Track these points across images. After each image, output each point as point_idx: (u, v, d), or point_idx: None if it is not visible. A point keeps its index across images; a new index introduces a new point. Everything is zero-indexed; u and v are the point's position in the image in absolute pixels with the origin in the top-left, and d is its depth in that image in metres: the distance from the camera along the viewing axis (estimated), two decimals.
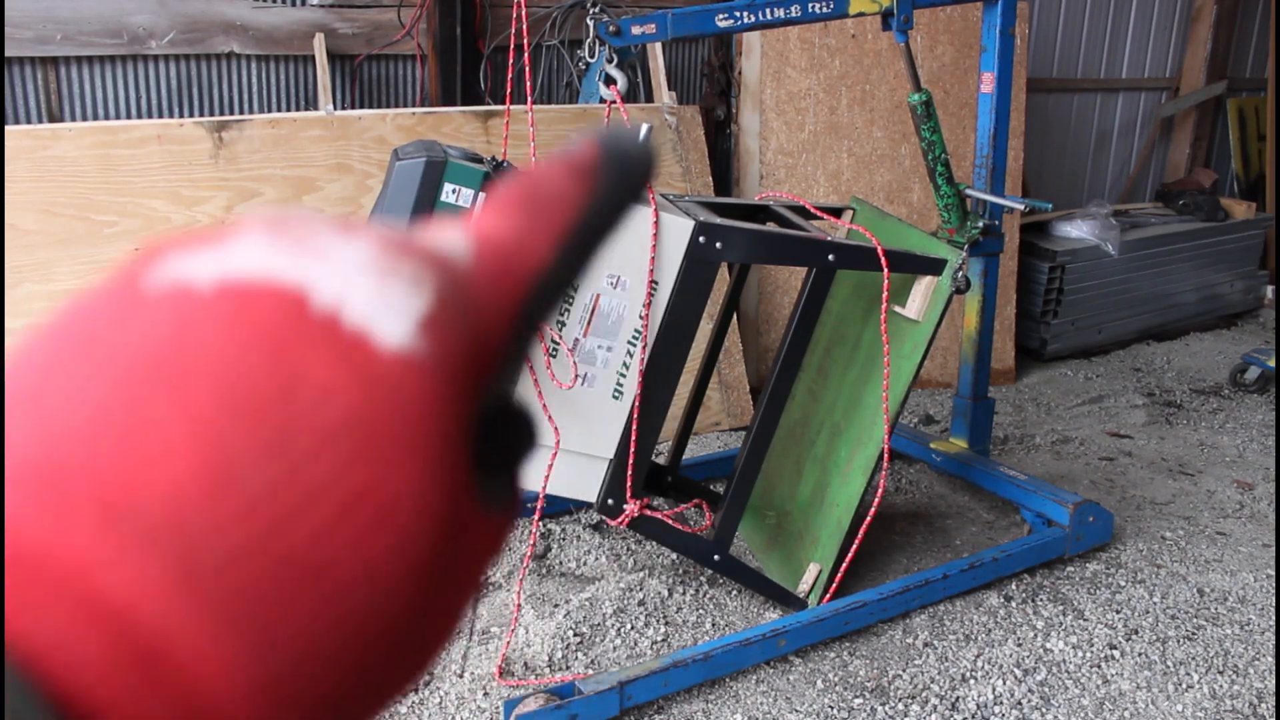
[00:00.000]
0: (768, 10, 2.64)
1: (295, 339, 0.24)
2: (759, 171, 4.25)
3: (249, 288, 0.25)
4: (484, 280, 0.29)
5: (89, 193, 3.10)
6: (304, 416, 0.24)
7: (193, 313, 0.24)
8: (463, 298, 0.27)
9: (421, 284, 0.26)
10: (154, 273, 0.26)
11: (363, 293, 0.25)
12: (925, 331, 2.66)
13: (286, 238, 0.26)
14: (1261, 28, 6.27)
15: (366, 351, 0.25)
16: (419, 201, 2.16)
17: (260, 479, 0.23)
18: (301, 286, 0.25)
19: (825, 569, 2.75)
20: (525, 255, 0.29)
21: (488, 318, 0.28)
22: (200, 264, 0.25)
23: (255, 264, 0.25)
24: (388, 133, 3.48)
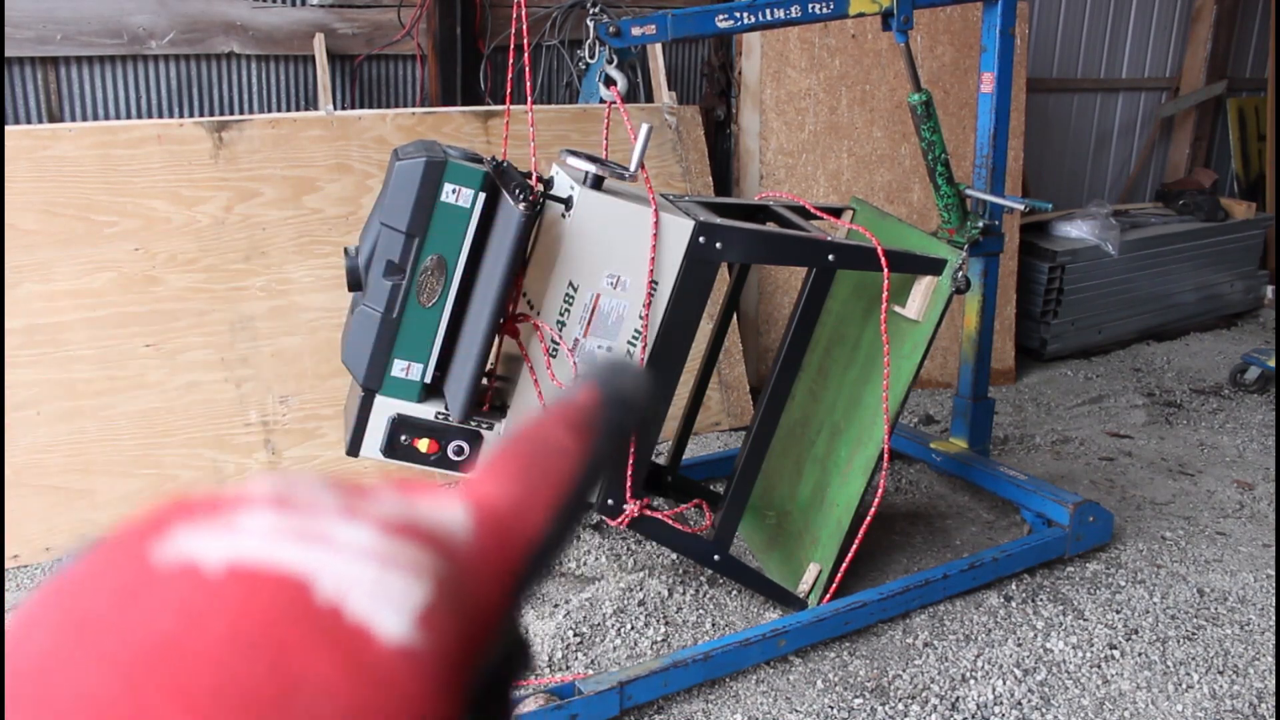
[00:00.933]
0: (768, 11, 2.64)
1: (299, 635, 0.25)
2: (759, 171, 4.25)
3: (256, 575, 0.25)
4: (482, 557, 0.29)
5: (89, 193, 3.10)
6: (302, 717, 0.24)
7: (200, 599, 0.25)
8: (462, 582, 0.28)
9: (421, 573, 0.27)
10: (161, 544, 0.26)
11: (365, 585, 0.26)
12: (925, 331, 2.66)
13: (293, 517, 0.27)
14: (1261, 28, 6.27)
15: (366, 648, 0.25)
16: (419, 201, 2.16)
17: None
18: (306, 576, 0.26)
19: (825, 569, 2.75)
20: (522, 524, 0.30)
21: (485, 597, 0.28)
22: (209, 541, 0.26)
23: (263, 547, 0.26)
24: (388, 133, 3.48)
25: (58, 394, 3.01)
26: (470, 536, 0.29)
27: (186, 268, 3.20)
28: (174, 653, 0.24)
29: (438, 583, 0.27)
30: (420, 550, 0.28)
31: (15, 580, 2.88)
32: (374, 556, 0.27)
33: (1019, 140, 4.59)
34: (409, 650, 0.25)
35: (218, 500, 0.27)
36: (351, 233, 3.32)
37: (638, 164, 2.28)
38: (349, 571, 0.26)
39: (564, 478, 0.31)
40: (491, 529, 0.30)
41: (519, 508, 0.30)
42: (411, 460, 2.34)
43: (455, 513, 0.30)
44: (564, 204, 2.30)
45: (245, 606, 0.25)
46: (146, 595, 0.25)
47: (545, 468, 0.31)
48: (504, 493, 0.30)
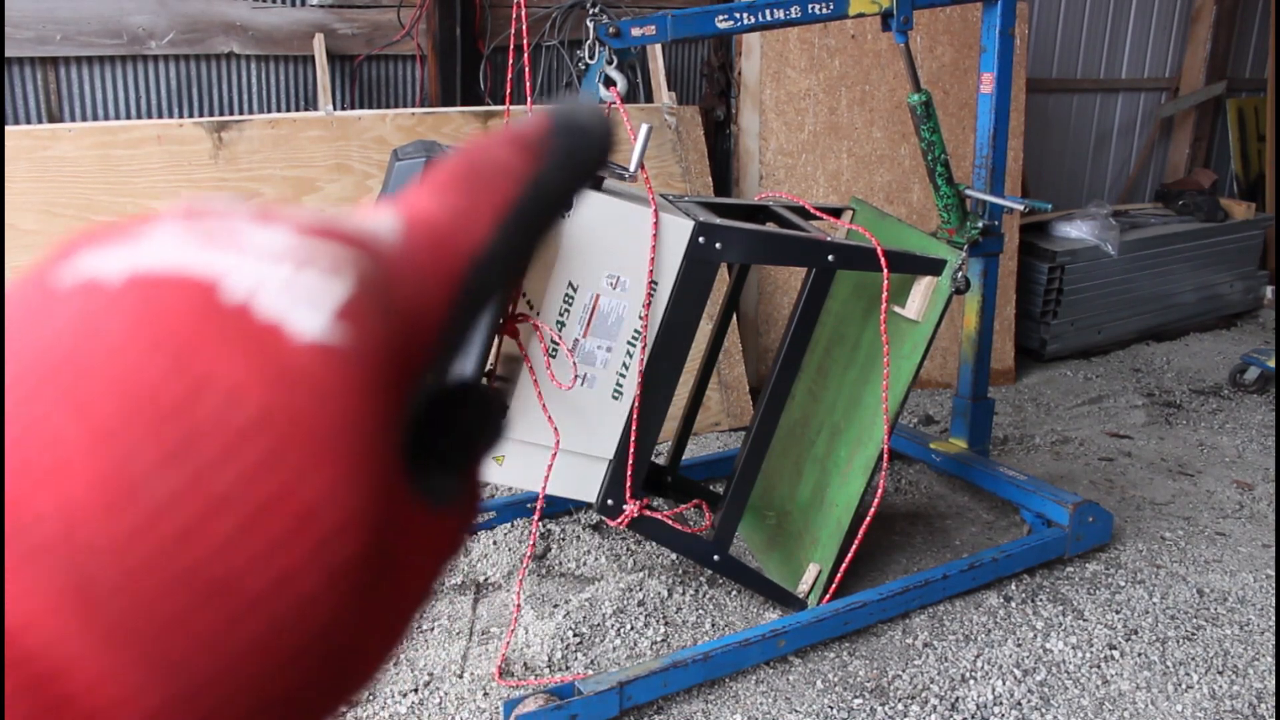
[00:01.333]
0: (768, 11, 2.64)
1: (203, 335, 0.23)
2: (759, 172, 4.25)
3: (157, 280, 0.24)
4: (415, 262, 0.27)
5: (89, 193, 3.10)
6: (210, 420, 0.22)
7: (98, 308, 0.23)
8: (389, 284, 0.26)
9: (342, 270, 0.25)
10: (67, 267, 0.24)
11: (276, 282, 0.24)
12: (925, 332, 2.66)
13: (202, 227, 0.25)
14: (1261, 28, 6.27)
15: (278, 345, 0.23)
16: None
17: (161, 490, 0.22)
18: (212, 278, 0.24)
19: (825, 569, 2.75)
20: (462, 234, 0.27)
21: (420, 301, 0.26)
22: (112, 257, 0.24)
23: (166, 256, 0.24)
24: (387, 133, 3.48)
25: None
26: (401, 242, 0.27)
27: None
28: (67, 361, 0.22)
29: (361, 281, 0.25)
30: (342, 249, 0.25)
31: None
32: (289, 256, 0.25)
33: (1019, 140, 4.59)
34: (326, 347, 0.23)
35: (126, 222, 0.26)
36: None
37: (637, 164, 2.28)
38: (259, 270, 0.24)
39: (509, 194, 0.28)
40: (425, 237, 0.27)
41: (457, 219, 0.28)
42: None
43: (384, 220, 0.28)
44: None
45: (144, 311, 0.23)
46: (43, 315, 0.23)
47: (488, 183, 0.28)
48: (440, 203, 0.28)
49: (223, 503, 0.22)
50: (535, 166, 0.28)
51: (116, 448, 0.22)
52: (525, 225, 0.28)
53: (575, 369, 2.35)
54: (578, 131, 0.29)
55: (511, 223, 0.28)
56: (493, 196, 0.28)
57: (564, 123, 0.29)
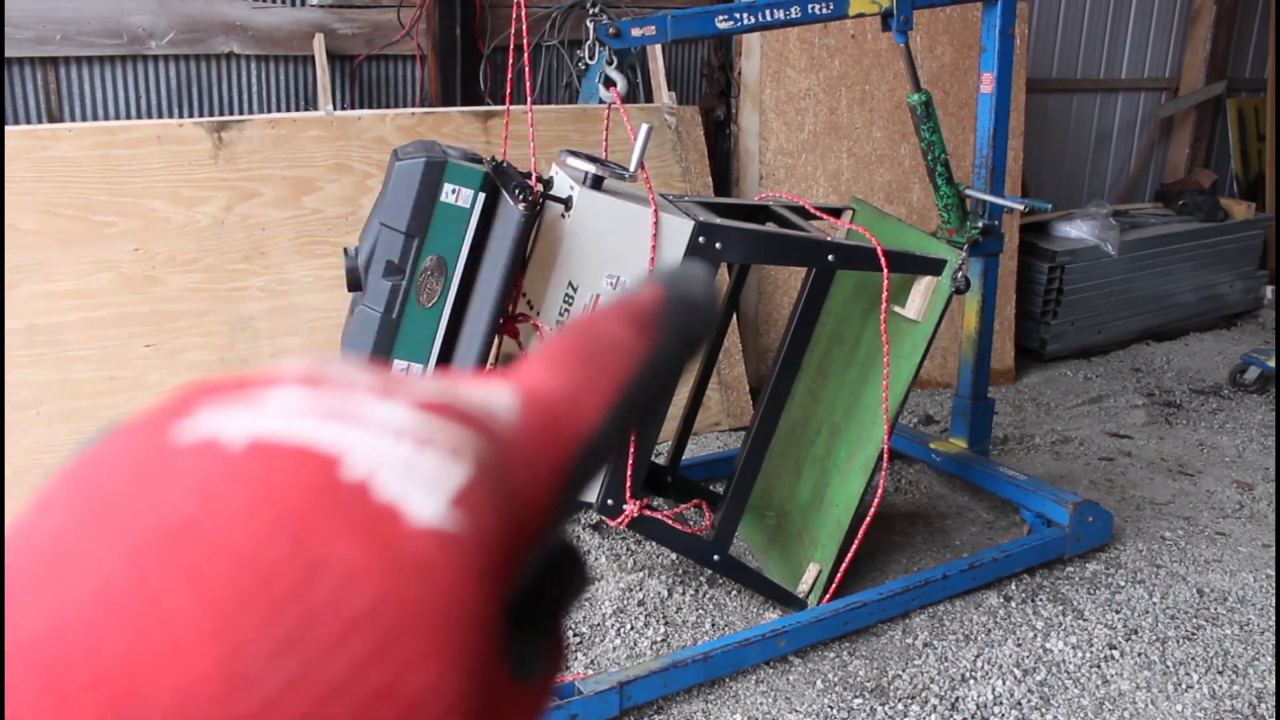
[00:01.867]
0: (768, 11, 2.64)
1: (322, 514, 0.23)
2: (759, 172, 4.25)
3: (280, 450, 0.23)
4: (529, 445, 0.27)
5: (89, 193, 3.10)
6: (325, 606, 0.22)
7: (219, 477, 0.23)
8: (505, 467, 0.26)
9: (461, 454, 0.25)
10: (185, 423, 0.24)
11: (396, 463, 0.24)
12: (925, 332, 2.66)
13: (324, 395, 0.25)
14: (1261, 28, 6.27)
15: (395, 530, 0.23)
16: (418, 202, 2.16)
17: (278, 678, 0.21)
18: (334, 453, 0.23)
19: (825, 569, 2.75)
20: (575, 416, 0.27)
21: (531, 487, 0.26)
22: (233, 419, 0.24)
23: (289, 424, 0.24)
24: (387, 133, 3.48)
25: (58, 394, 3.01)
26: (517, 421, 0.27)
27: (186, 268, 3.20)
28: (187, 532, 0.22)
29: (478, 465, 0.25)
30: (460, 430, 0.25)
31: None
32: (409, 434, 0.24)
33: (1018, 140, 4.59)
34: (443, 534, 0.23)
35: (246, 380, 0.26)
36: (351, 233, 3.32)
37: (637, 164, 2.28)
38: (380, 448, 0.24)
39: (623, 373, 0.28)
40: (541, 416, 0.27)
41: (572, 398, 0.27)
42: None
43: (502, 397, 0.27)
44: (564, 204, 2.30)
45: (266, 483, 0.23)
46: (163, 474, 0.23)
47: (603, 361, 0.28)
48: (556, 382, 0.28)
49: (333, 693, 0.22)
50: (650, 345, 0.28)
51: (235, 631, 0.21)
52: (636, 404, 0.28)
53: None
54: (690, 308, 0.29)
55: (624, 404, 0.28)
56: (608, 375, 0.28)
57: (678, 297, 0.29)
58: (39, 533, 0.23)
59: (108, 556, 0.22)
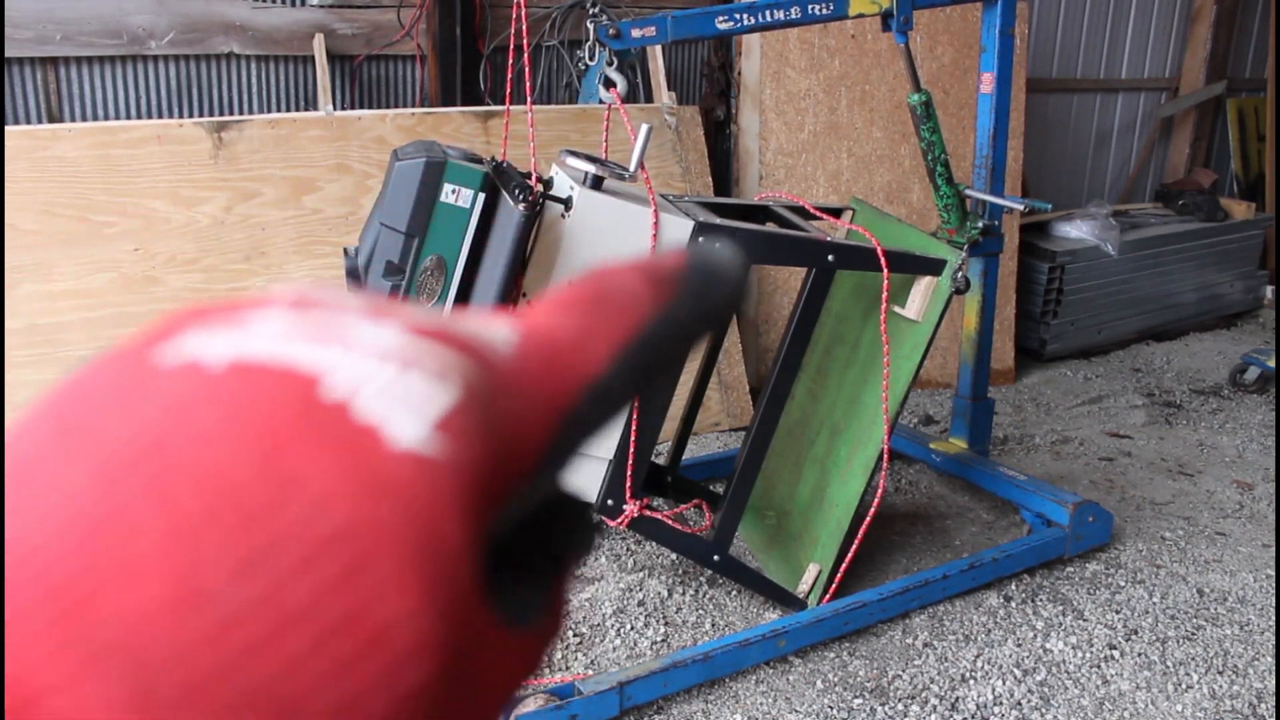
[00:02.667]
0: (768, 12, 2.64)
1: (297, 434, 0.22)
2: (758, 172, 4.25)
3: (259, 370, 0.23)
4: (527, 379, 0.26)
5: (89, 193, 3.10)
6: (293, 528, 0.21)
7: (195, 394, 0.22)
8: (497, 397, 0.25)
9: (448, 377, 0.24)
10: (169, 345, 0.24)
11: (379, 384, 0.23)
12: (925, 332, 2.66)
13: (312, 318, 0.24)
14: (1261, 28, 6.27)
15: (372, 451, 0.22)
16: (418, 202, 2.16)
17: (235, 599, 0.21)
18: (315, 373, 0.23)
19: (825, 569, 2.75)
20: (579, 357, 0.26)
21: (524, 421, 0.25)
22: (218, 341, 0.24)
23: (272, 345, 0.23)
24: (387, 133, 3.48)
25: None
26: (514, 354, 0.26)
27: (186, 268, 3.20)
28: (156, 449, 0.22)
29: (467, 390, 0.24)
30: (451, 354, 0.24)
31: None
32: (395, 356, 0.24)
33: (1019, 140, 4.59)
34: (422, 458, 0.23)
35: (233, 304, 0.25)
36: (351, 233, 3.32)
37: (637, 164, 2.28)
38: (364, 369, 0.23)
39: (633, 323, 0.27)
40: (542, 353, 0.26)
41: (578, 340, 0.27)
42: None
43: (502, 329, 0.27)
44: (564, 204, 2.30)
45: (241, 401, 0.22)
46: (140, 394, 0.23)
47: (615, 308, 0.27)
48: (563, 323, 0.27)
49: (296, 618, 0.21)
50: (665, 300, 0.28)
51: (194, 549, 0.21)
52: (645, 358, 0.27)
53: None
54: (713, 274, 0.28)
55: (632, 353, 0.27)
56: (617, 323, 0.27)
57: (700, 263, 0.29)
58: (13, 453, 0.22)
59: (74, 473, 0.22)
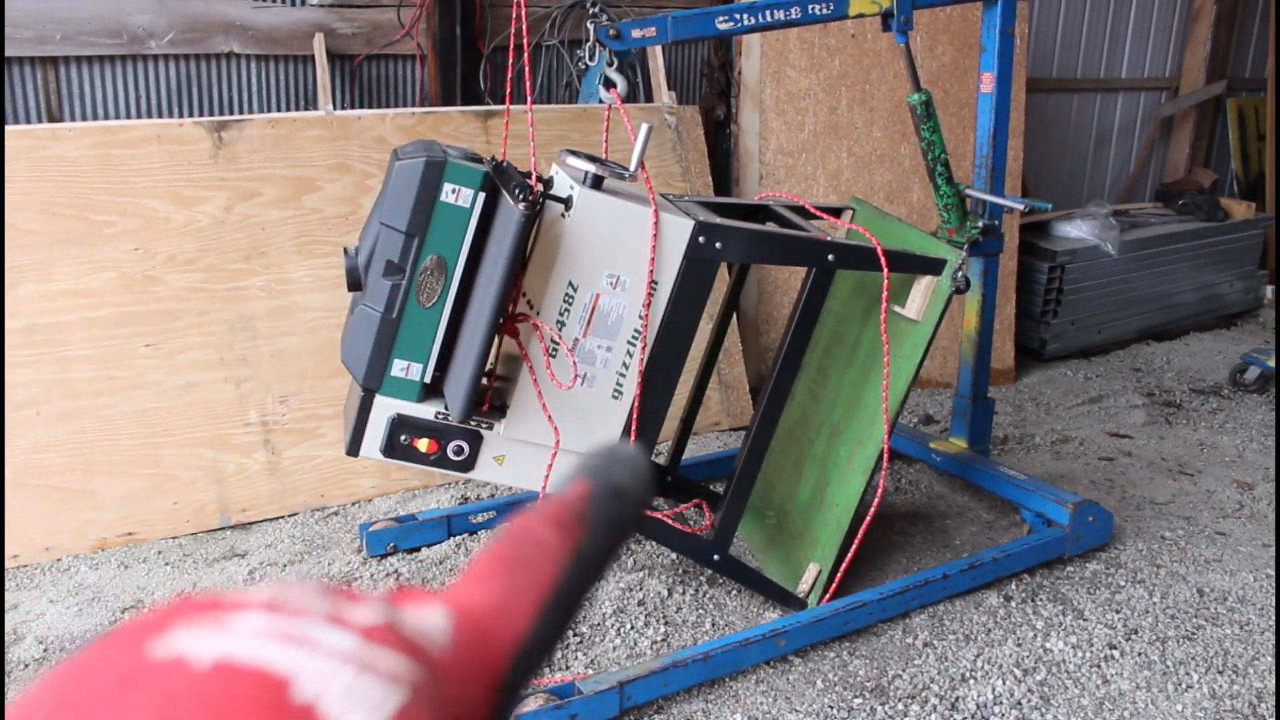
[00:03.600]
0: (768, 12, 2.64)
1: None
2: (759, 171, 4.25)
3: (238, 672, 0.26)
4: (463, 662, 0.29)
5: (88, 193, 3.10)
6: None
7: (183, 691, 0.25)
8: (440, 688, 0.28)
9: (398, 680, 0.27)
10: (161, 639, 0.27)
11: (340, 688, 0.26)
12: (925, 331, 2.66)
13: (284, 620, 0.28)
14: (1261, 28, 6.27)
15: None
16: (418, 201, 2.16)
17: None
18: (286, 676, 0.26)
19: (825, 569, 2.75)
20: (504, 626, 0.30)
21: (466, 704, 0.28)
22: (203, 640, 0.27)
23: (249, 646, 0.27)
24: (387, 133, 3.48)
25: (57, 394, 3.01)
26: (450, 643, 0.29)
27: (186, 268, 3.20)
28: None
29: (414, 690, 0.27)
30: (399, 658, 0.28)
31: (15, 580, 2.88)
32: (353, 661, 0.27)
33: (1019, 140, 4.59)
34: None
35: (217, 602, 0.28)
36: (351, 233, 3.32)
37: (637, 164, 2.28)
38: (327, 673, 0.26)
39: (548, 576, 0.30)
40: (471, 634, 0.30)
41: (500, 610, 0.30)
42: (411, 460, 2.34)
43: (436, 619, 0.30)
44: (564, 204, 2.30)
45: (224, 700, 0.25)
46: (136, 685, 0.25)
47: (529, 567, 0.30)
48: (486, 596, 0.30)
49: None
50: (575, 542, 0.30)
51: None
52: (564, 605, 0.30)
53: (575, 368, 2.35)
54: (617, 498, 0.31)
55: (552, 606, 0.30)
56: (533, 581, 0.30)
57: (603, 490, 0.31)
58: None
59: None
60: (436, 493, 3.41)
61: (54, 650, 2.60)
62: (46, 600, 2.79)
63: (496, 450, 2.39)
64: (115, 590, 2.85)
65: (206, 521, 3.15)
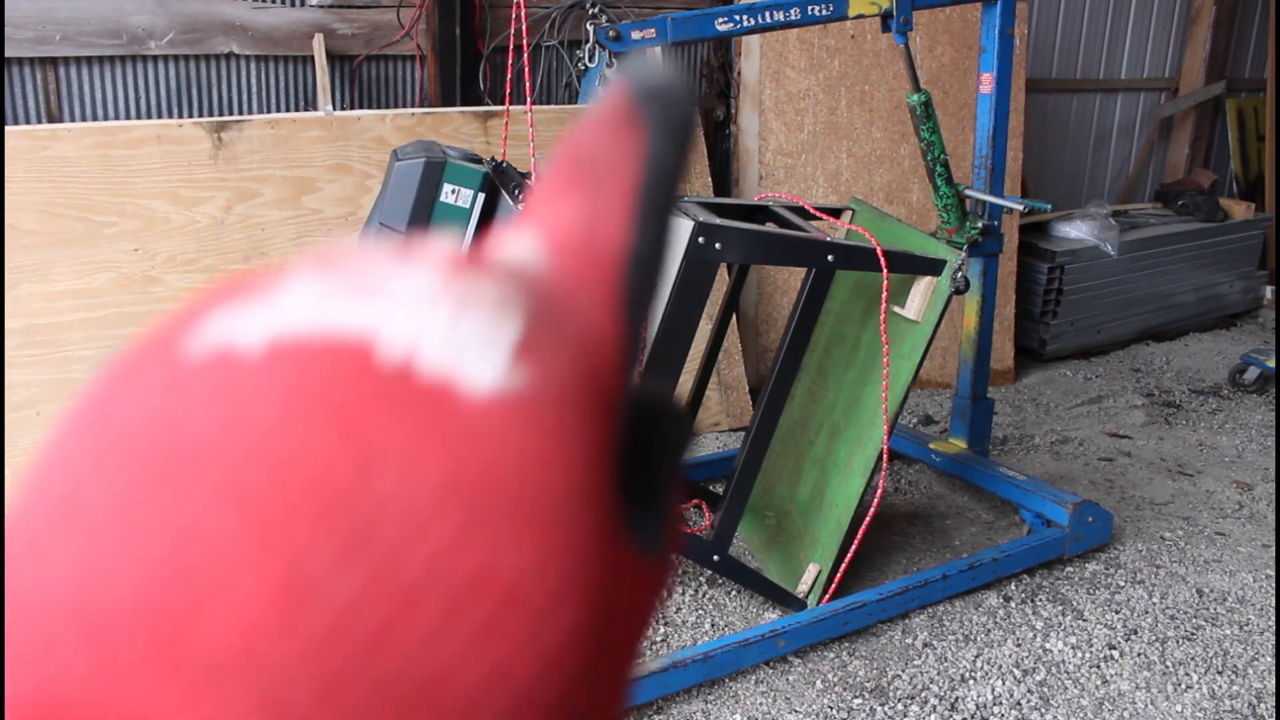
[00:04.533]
0: (767, 13, 2.64)
1: (366, 404, 0.20)
2: (758, 172, 4.25)
3: (303, 346, 0.21)
4: (571, 280, 0.24)
5: (88, 193, 3.10)
6: (387, 499, 0.20)
7: (241, 386, 0.20)
8: (558, 309, 0.23)
9: (506, 304, 0.22)
10: (193, 335, 0.22)
11: (438, 330, 0.21)
12: (924, 332, 2.66)
13: (339, 275, 0.22)
14: (1261, 28, 6.27)
15: (452, 403, 0.20)
16: (418, 202, 2.16)
17: (345, 587, 0.19)
18: (364, 335, 0.21)
19: (824, 569, 2.75)
20: (603, 236, 0.25)
21: (591, 322, 0.24)
22: (245, 321, 0.21)
23: (308, 314, 0.21)
24: (387, 133, 3.48)
25: (57, 394, 3.01)
26: (549, 263, 0.24)
27: (186, 268, 3.20)
28: (218, 453, 0.20)
29: (530, 312, 0.22)
30: (497, 283, 0.23)
31: None
32: (444, 298, 0.22)
33: (1018, 141, 4.59)
34: (507, 395, 0.21)
35: (252, 277, 0.23)
36: (351, 233, 3.32)
37: None
38: (415, 320, 0.21)
39: (629, 179, 0.25)
40: (568, 249, 0.25)
41: (592, 222, 0.25)
42: None
43: (520, 241, 0.25)
44: None
45: (294, 386, 0.20)
46: (180, 399, 0.20)
47: (604, 174, 0.26)
48: (568, 210, 0.25)
49: (416, 593, 0.19)
50: (642, 144, 0.26)
51: (287, 545, 0.19)
52: (656, 207, 0.26)
53: None
54: (664, 97, 0.27)
55: (645, 208, 0.25)
56: (616, 187, 0.26)
57: (647, 93, 0.27)
58: (55, 482, 0.21)
59: (135, 496, 0.20)
60: None
61: None
62: None
63: None
64: None
65: None
